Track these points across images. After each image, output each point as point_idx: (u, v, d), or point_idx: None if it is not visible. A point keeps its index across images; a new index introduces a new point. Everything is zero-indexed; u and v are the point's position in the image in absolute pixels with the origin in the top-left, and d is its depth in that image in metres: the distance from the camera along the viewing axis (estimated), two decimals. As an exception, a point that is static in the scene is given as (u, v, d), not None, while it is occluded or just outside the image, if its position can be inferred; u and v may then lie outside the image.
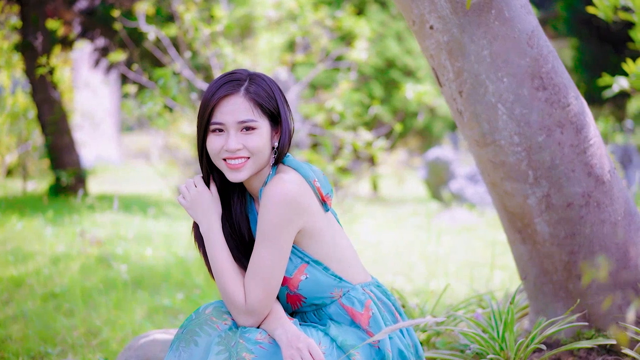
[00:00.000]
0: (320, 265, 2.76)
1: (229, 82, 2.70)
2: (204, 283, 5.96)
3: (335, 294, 2.79)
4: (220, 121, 2.69)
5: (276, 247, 2.64)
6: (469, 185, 11.80)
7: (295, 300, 2.80)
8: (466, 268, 6.83)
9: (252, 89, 2.70)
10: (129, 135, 29.75)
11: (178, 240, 7.77)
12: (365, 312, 2.79)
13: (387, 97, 13.60)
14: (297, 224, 2.66)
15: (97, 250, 6.76)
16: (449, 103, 3.61)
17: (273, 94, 2.75)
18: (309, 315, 2.85)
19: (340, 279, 2.79)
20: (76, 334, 4.59)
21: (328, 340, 2.73)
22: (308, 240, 2.73)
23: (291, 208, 2.62)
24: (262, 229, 2.65)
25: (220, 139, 2.70)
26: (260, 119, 2.70)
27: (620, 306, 3.50)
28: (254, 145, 2.68)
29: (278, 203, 2.61)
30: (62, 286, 5.67)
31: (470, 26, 3.37)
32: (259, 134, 2.69)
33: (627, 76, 5.51)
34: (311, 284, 2.76)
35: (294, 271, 2.75)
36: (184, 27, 8.16)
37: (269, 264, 2.65)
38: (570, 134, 3.42)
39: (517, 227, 3.63)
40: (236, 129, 2.68)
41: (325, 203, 2.78)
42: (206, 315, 2.70)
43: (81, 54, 18.71)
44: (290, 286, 2.76)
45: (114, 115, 23.17)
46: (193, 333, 2.66)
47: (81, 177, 11.79)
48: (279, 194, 2.62)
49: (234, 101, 2.68)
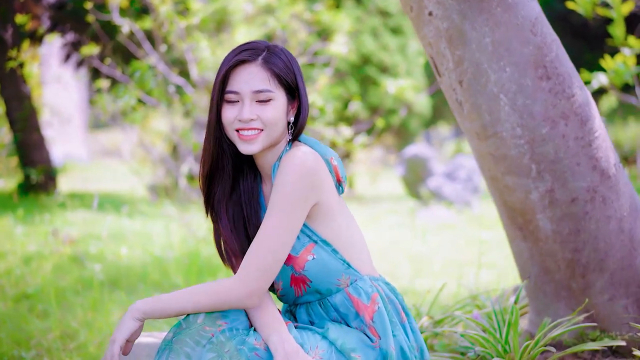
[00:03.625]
0: (329, 247, 2.63)
1: (246, 50, 2.58)
2: (183, 283, 5.78)
3: (342, 281, 2.65)
4: (235, 89, 2.57)
5: (286, 220, 2.51)
6: (447, 183, 11.69)
7: (299, 283, 2.65)
8: (451, 267, 6.70)
9: (270, 59, 2.59)
10: (97, 133, 29.44)
11: (153, 239, 7.58)
12: (370, 305, 2.65)
13: (363, 93, 13.46)
14: (311, 199, 2.54)
15: (70, 250, 6.55)
16: (448, 94, 3.45)
17: (292, 66, 2.64)
18: (313, 306, 2.70)
19: (348, 265, 2.66)
20: (51, 336, 4.40)
21: (326, 344, 2.57)
22: (319, 218, 2.61)
23: (308, 181, 2.52)
24: (274, 200, 2.52)
25: (234, 109, 2.59)
26: (277, 91, 2.59)
27: (626, 306, 3.36)
28: (268, 116, 2.57)
29: (295, 174, 2.51)
30: (35, 287, 5.47)
31: (472, 12, 3.21)
32: (275, 105, 2.58)
33: (606, 72, 5.45)
34: (318, 266, 2.61)
35: (301, 249, 2.61)
36: (159, 20, 7.94)
37: (275, 236, 2.51)
38: (575, 125, 3.28)
39: (518, 223, 3.48)
40: (251, 99, 2.57)
41: (340, 185, 2.68)
42: (198, 325, 2.51)
43: (50, 49, 18.42)
44: (296, 266, 2.62)
45: (82, 112, 22.89)
46: (183, 344, 2.48)
47: (51, 175, 11.57)
48: (297, 165, 2.51)
49: (251, 70, 2.57)
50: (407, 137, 16.09)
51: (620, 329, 3.36)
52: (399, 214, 10.86)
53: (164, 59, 8.45)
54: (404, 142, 16.28)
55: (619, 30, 5.53)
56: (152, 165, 11.95)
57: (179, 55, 8.62)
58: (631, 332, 3.33)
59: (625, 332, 3.35)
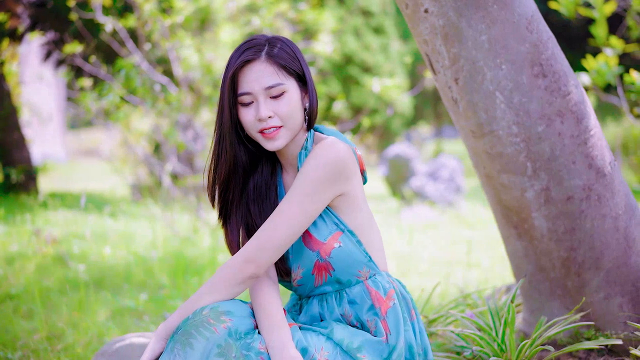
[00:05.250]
0: (355, 237, 2.66)
1: (248, 49, 2.61)
2: (168, 283, 5.72)
3: (362, 273, 2.68)
4: (246, 90, 2.60)
5: (306, 200, 2.54)
6: (430, 183, 11.67)
7: (322, 271, 2.66)
8: (437, 266, 6.68)
9: (273, 52, 2.61)
10: (74, 133, 29.22)
11: (137, 238, 7.50)
12: (386, 301, 2.67)
13: (346, 93, 13.44)
14: (338, 187, 2.58)
15: (53, 250, 6.47)
16: (443, 91, 3.42)
17: (295, 54, 2.66)
18: (327, 297, 2.71)
19: (370, 258, 2.69)
20: (37, 337, 4.32)
21: (331, 345, 2.57)
22: (346, 208, 2.64)
23: (338, 170, 2.56)
24: (299, 180, 2.56)
25: (251, 110, 2.61)
26: (287, 81, 2.61)
27: (621, 304, 3.35)
28: (284, 111, 2.60)
29: (326, 159, 2.54)
30: (19, 287, 5.39)
31: (468, 9, 3.19)
32: (289, 97, 2.61)
33: (588, 72, 5.45)
34: (343, 254, 2.63)
35: (329, 236, 2.63)
36: (143, 18, 7.86)
37: (292, 213, 2.54)
38: (571, 123, 3.27)
39: (513, 222, 3.46)
40: (265, 96, 2.59)
41: (363, 174, 2.72)
42: (203, 316, 2.49)
43: (29, 48, 18.24)
44: (323, 252, 2.63)
45: (60, 112, 22.70)
46: (189, 335, 2.46)
47: (32, 175, 11.45)
48: (332, 153, 2.55)
49: (257, 67, 2.59)
50: (389, 137, 16.09)
51: (616, 328, 3.35)
52: (383, 213, 10.83)
53: (147, 58, 8.37)
54: (385, 142, 16.28)
55: (601, 31, 5.54)
56: (133, 164, 11.86)
57: (162, 53, 8.54)
58: (626, 330, 3.32)
59: (621, 330, 3.34)
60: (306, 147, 2.66)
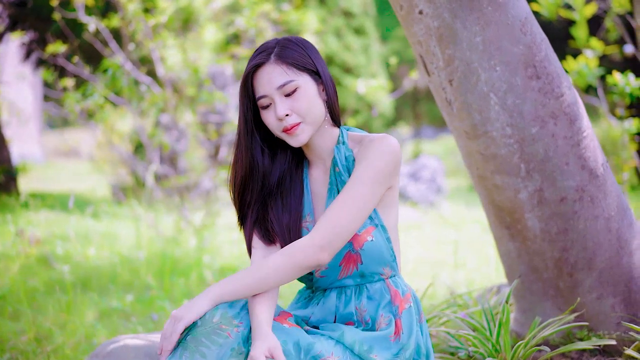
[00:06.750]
0: (386, 234, 2.69)
1: (259, 54, 2.68)
2: (154, 284, 5.70)
3: (386, 272, 2.71)
4: (262, 93, 2.65)
5: (371, 189, 2.60)
6: (411, 183, 11.70)
7: (350, 263, 2.67)
8: (423, 267, 6.70)
9: (282, 52, 2.66)
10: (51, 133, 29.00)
11: (121, 239, 7.47)
12: (404, 302, 2.71)
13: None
14: (390, 180, 2.65)
15: (36, 250, 6.42)
16: (437, 93, 3.43)
17: (305, 51, 2.70)
18: (346, 290, 2.71)
19: (394, 258, 2.73)
20: (25, 338, 4.29)
21: (340, 349, 2.57)
22: (383, 203, 2.69)
23: (397, 161, 2.63)
24: (363, 171, 2.61)
25: (271, 112, 2.65)
26: (299, 77, 2.64)
27: (613, 305, 3.37)
28: (300, 107, 2.63)
29: (389, 152, 2.61)
30: (4, 288, 5.34)
31: (463, 11, 3.20)
32: (303, 92, 2.64)
33: (569, 73, 5.49)
34: (374, 249, 2.66)
35: (363, 229, 2.65)
36: (127, 18, 7.82)
37: (358, 201, 2.58)
38: (564, 125, 3.29)
39: (506, 222, 3.48)
40: (279, 95, 2.63)
41: None
42: (214, 323, 2.44)
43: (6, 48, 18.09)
44: (356, 243, 2.65)
45: (37, 112, 22.54)
46: (199, 343, 2.41)
47: (12, 175, 11.35)
48: (393, 145, 2.63)
49: (268, 69, 2.64)
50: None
51: (608, 328, 3.37)
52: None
53: (130, 58, 8.33)
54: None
55: (581, 32, 5.58)
56: (114, 165, 11.80)
57: (146, 53, 8.50)
58: (619, 330, 3.35)
59: (613, 330, 3.36)
60: (343, 142, 2.71)
